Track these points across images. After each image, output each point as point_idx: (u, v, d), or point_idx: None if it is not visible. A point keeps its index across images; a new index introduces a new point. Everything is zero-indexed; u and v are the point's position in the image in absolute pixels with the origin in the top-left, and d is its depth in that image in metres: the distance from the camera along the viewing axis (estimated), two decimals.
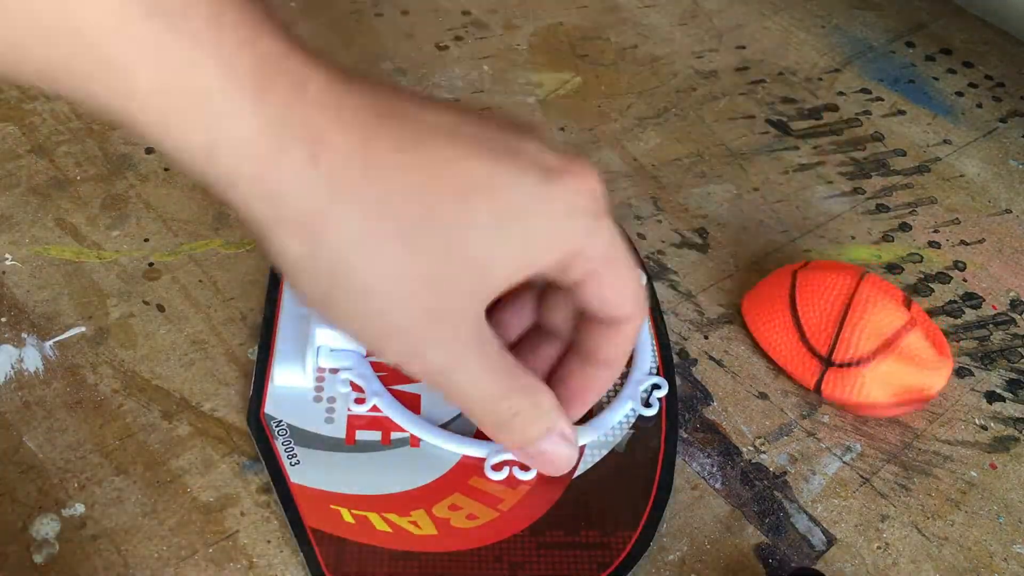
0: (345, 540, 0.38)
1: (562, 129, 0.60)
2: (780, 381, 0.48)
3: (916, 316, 0.47)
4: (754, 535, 0.41)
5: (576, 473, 0.41)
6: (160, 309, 0.46)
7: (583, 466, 0.42)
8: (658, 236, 0.54)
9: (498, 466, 0.41)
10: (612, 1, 0.72)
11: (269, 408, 0.41)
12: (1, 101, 0.54)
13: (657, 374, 0.46)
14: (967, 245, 0.57)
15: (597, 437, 0.43)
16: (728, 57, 0.68)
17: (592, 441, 0.43)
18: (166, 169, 0.52)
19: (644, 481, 0.42)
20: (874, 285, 0.46)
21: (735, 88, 0.66)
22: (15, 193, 0.49)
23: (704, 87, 0.66)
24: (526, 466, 0.41)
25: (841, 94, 0.67)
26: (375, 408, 0.42)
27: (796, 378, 0.47)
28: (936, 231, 0.58)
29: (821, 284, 0.47)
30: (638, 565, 0.39)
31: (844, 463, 0.45)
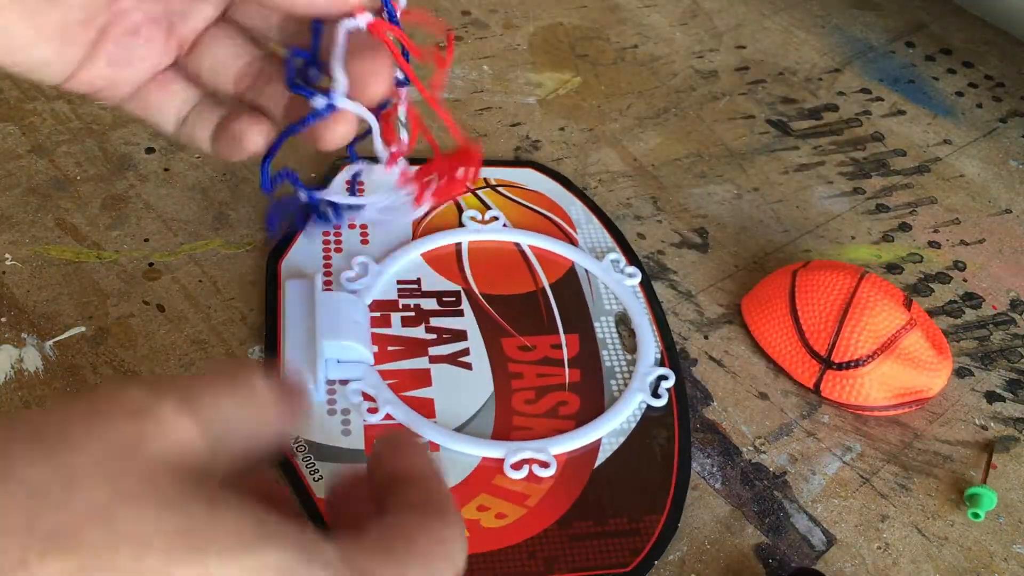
0: None
1: (562, 129, 0.60)
2: (780, 381, 0.47)
3: (916, 316, 0.47)
4: (754, 535, 0.41)
5: (596, 464, 0.42)
6: (160, 309, 0.46)
7: (602, 456, 0.42)
8: (658, 236, 0.54)
9: (517, 465, 0.41)
10: (612, 1, 0.72)
11: None
12: (1, 101, 0.54)
13: (663, 365, 0.46)
14: (967, 245, 0.57)
15: (612, 428, 0.43)
16: (728, 57, 0.68)
17: (607, 432, 0.43)
18: (166, 169, 0.52)
19: (663, 466, 0.42)
20: (874, 285, 0.46)
21: (735, 88, 0.66)
22: (15, 193, 0.49)
23: (704, 87, 0.66)
24: (546, 463, 0.41)
25: (841, 94, 0.67)
26: (388, 416, 0.42)
27: (796, 378, 0.47)
28: (936, 231, 0.58)
29: (821, 284, 0.47)
30: (670, 545, 0.40)
31: (844, 463, 0.45)
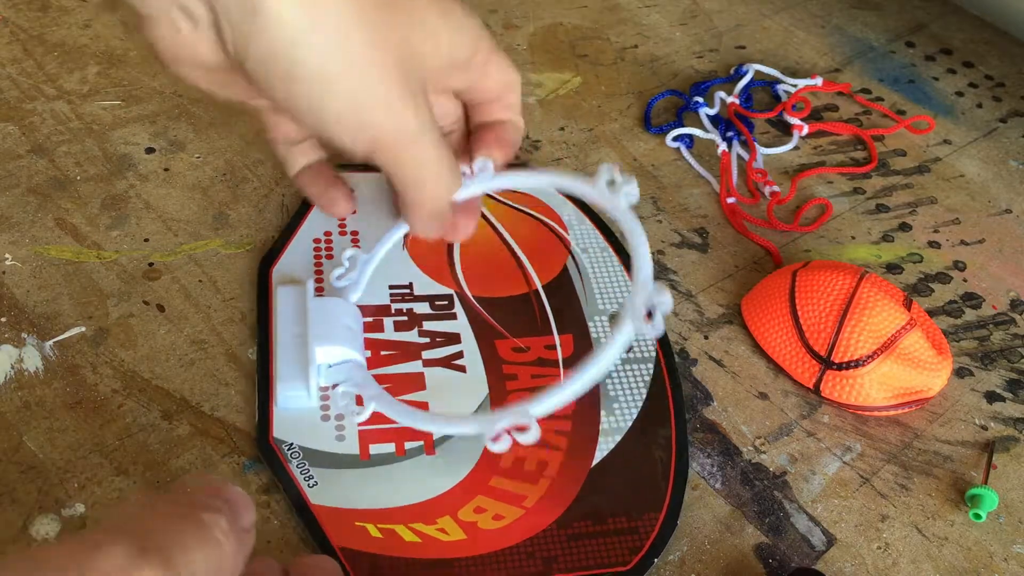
0: (376, 555, 0.37)
1: (562, 129, 0.60)
2: (780, 381, 0.47)
3: (916, 316, 0.47)
4: (754, 535, 0.41)
5: (593, 462, 0.42)
6: (160, 309, 0.46)
7: (599, 455, 0.42)
8: (658, 236, 0.54)
9: (496, 438, 0.38)
10: (612, 1, 0.72)
11: (277, 433, 0.41)
12: (1, 101, 0.54)
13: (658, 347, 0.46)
14: (967, 245, 0.57)
15: (610, 420, 0.43)
16: (728, 57, 0.68)
17: (603, 428, 0.43)
18: (166, 169, 0.52)
19: (661, 462, 0.42)
20: (874, 285, 0.46)
21: (735, 88, 0.66)
22: (15, 193, 0.49)
23: None
24: (522, 427, 0.37)
25: (841, 94, 0.67)
26: (377, 414, 0.41)
27: (796, 378, 0.47)
28: (936, 231, 0.58)
29: (821, 284, 0.47)
30: (670, 543, 0.39)
31: (844, 463, 0.45)
